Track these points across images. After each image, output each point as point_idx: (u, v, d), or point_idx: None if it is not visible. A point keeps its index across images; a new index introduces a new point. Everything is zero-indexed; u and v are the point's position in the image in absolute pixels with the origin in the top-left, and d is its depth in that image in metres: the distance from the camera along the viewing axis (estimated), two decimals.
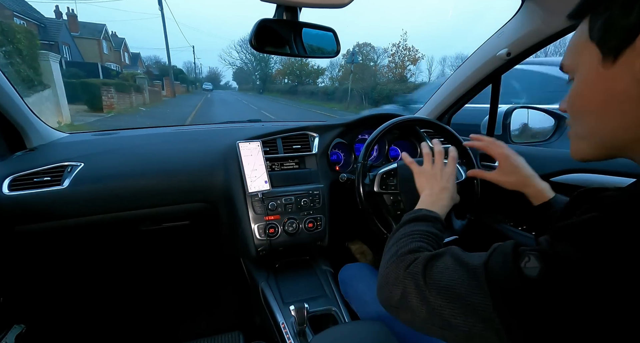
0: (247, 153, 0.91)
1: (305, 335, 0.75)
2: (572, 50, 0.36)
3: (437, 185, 0.59)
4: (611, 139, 0.34)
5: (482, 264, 0.31)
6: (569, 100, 0.37)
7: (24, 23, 14.20)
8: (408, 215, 0.52)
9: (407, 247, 0.43)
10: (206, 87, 42.51)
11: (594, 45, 0.32)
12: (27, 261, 1.07)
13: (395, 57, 25.51)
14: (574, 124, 0.38)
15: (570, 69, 0.37)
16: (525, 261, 0.27)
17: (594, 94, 0.33)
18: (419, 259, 0.38)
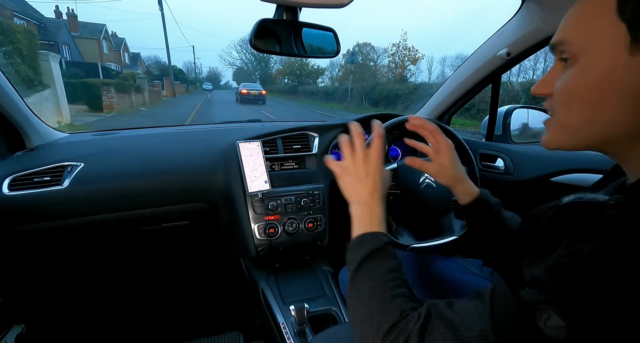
0: (247, 153, 0.91)
1: (305, 335, 0.75)
2: (583, 25, 0.30)
3: (364, 189, 0.47)
4: (605, 135, 0.30)
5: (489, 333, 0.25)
6: (566, 85, 0.31)
7: (24, 23, 14.19)
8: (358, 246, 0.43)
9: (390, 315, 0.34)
10: (206, 87, 42.47)
11: (622, 25, 0.26)
12: (28, 261, 1.07)
13: (395, 57, 25.54)
14: (562, 112, 0.33)
15: (575, 50, 0.30)
16: (544, 318, 0.22)
17: (607, 84, 0.28)
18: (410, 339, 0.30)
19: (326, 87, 26.16)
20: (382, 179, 0.48)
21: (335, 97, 20.28)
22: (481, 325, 0.26)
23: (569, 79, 0.31)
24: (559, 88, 0.32)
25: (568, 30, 0.31)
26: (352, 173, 0.48)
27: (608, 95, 0.28)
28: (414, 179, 0.92)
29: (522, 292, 0.26)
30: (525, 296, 0.25)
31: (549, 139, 0.35)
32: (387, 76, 26.15)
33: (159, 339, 1.20)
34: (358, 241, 0.44)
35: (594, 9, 0.29)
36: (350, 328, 0.39)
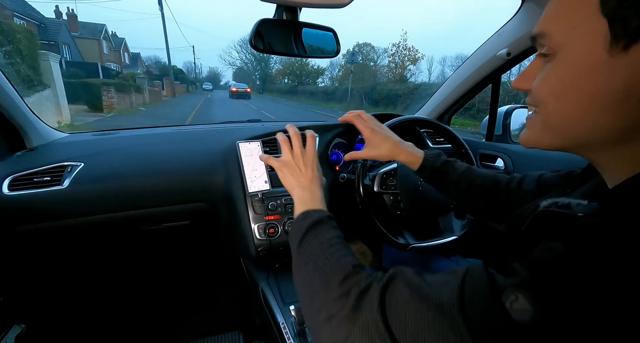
0: (247, 153, 0.90)
1: (305, 335, 0.75)
2: (565, 18, 0.27)
3: (304, 177, 0.51)
4: (584, 136, 0.29)
5: (456, 302, 0.25)
6: (544, 81, 0.30)
7: (24, 23, 14.19)
8: (302, 221, 0.44)
9: (340, 270, 0.34)
10: (206, 87, 42.49)
11: (603, 20, 0.24)
12: (28, 261, 1.07)
13: (395, 57, 25.55)
14: (542, 110, 0.30)
15: (553, 45, 0.28)
16: (511, 300, 0.23)
17: (584, 84, 0.26)
18: (371, 294, 0.30)
19: (326, 87, 26.17)
20: (318, 172, 0.53)
21: (335, 97, 20.29)
22: (448, 293, 0.26)
23: (548, 75, 0.29)
24: (537, 84, 0.30)
25: (548, 22, 0.29)
26: (292, 165, 0.53)
27: (586, 96, 0.27)
28: (414, 180, 0.92)
29: (496, 275, 0.26)
30: (498, 279, 0.25)
31: (526, 137, 0.33)
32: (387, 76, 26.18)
33: (159, 339, 1.20)
34: (302, 216, 0.46)
35: (576, 0, 0.27)
36: (298, 294, 0.39)
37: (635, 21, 0.23)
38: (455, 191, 0.61)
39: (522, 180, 0.55)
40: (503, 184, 0.58)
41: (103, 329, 1.21)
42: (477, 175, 0.61)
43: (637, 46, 0.23)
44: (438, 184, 0.63)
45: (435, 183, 0.63)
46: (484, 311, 0.24)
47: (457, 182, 0.60)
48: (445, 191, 0.63)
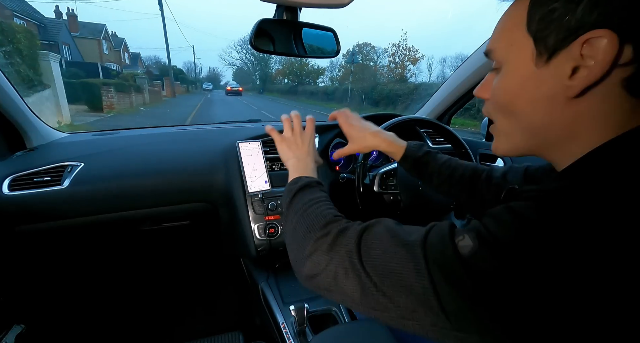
0: (247, 153, 0.91)
1: (305, 335, 0.75)
2: (504, 37, 0.33)
3: (300, 151, 0.57)
4: (535, 139, 0.33)
5: (420, 241, 0.29)
6: (494, 93, 0.35)
7: (24, 23, 14.18)
8: (294, 184, 0.49)
9: (323, 218, 0.39)
10: (206, 87, 42.49)
11: (530, 39, 0.30)
12: (28, 261, 1.07)
13: (395, 57, 25.54)
14: (496, 118, 0.36)
15: (499, 58, 0.34)
16: (459, 239, 0.27)
17: (522, 92, 0.31)
18: (349, 233, 0.35)
19: (326, 87, 26.16)
20: (314, 151, 0.59)
21: (335, 97, 20.28)
22: (416, 235, 0.31)
23: (496, 88, 0.34)
24: (492, 94, 0.35)
25: (494, 40, 0.34)
26: (291, 140, 0.58)
27: (526, 103, 0.31)
28: (414, 180, 0.92)
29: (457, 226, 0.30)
30: (457, 228, 0.30)
31: (494, 147, 0.38)
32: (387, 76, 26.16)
33: (159, 339, 1.20)
34: (294, 181, 0.50)
35: (511, 21, 0.32)
36: (286, 245, 0.43)
37: (552, 39, 0.28)
38: (437, 180, 0.63)
39: (507, 173, 0.56)
40: (483, 175, 0.59)
41: (103, 329, 1.21)
42: (458, 165, 0.63)
43: (555, 59, 0.28)
44: (420, 173, 0.64)
45: (417, 172, 0.65)
46: (439, 247, 0.28)
47: (438, 172, 0.63)
48: (428, 180, 0.64)
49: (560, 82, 0.28)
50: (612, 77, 0.26)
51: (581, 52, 0.26)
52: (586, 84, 0.27)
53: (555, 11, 0.27)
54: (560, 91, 0.28)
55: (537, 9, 0.29)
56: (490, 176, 0.58)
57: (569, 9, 0.26)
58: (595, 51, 0.26)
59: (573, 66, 0.27)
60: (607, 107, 0.28)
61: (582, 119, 0.29)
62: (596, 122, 0.28)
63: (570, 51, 0.27)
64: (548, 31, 0.28)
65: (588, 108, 0.28)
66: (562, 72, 0.28)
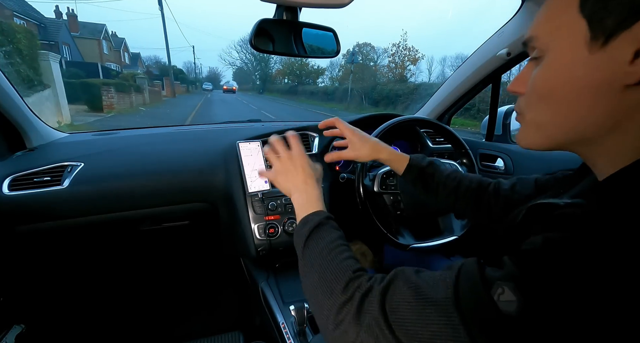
0: (247, 153, 0.90)
1: (305, 335, 0.75)
2: (550, 22, 0.30)
3: (297, 179, 0.52)
4: (573, 132, 0.30)
5: (452, 298, 0.26)
6: (533, 83, 0.32)
7: (24, 23, 14.19)
8: (302, 227, 0.45)
9: (343, 275, 0.36)
10: (206, 87, 42.48)
11: (583, 21, 0.27)
12: (28, 261, 1.07)
13: (395, 57, 25.52)
14: (533, 110, 0.33)
15: (542, 46, 0.30)
16: (498, 293, 0.24)
17: (569, 81, 0.28)
18: (372, 296, 0.31)
19: (326, 87, 26.18)
20: (310, 168, 0.53)
21: (335, 97, 20.29)
22: (444, 290, 0.27)
23: (536, 77, 0.31)
24: (529, 85, 0.32)
25: (536, 27, 0.31)
26: (283, 170, 0.54)
27: (573, 92, 0.28)
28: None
29: (487, 268, 0.27)
30: (488, 272, 0.26)
31: (521, 138, 0.35)
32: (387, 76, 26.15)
33: (159, 339, 1.20)
34: (303, 222, 0.47)
35: (559, 4, 0.29)
36: (306, 297, 0.40)
37: (611, 21, 0.25)
38: (444, 192, 0.60)
39: (516, 184, 0.55)
40: (490, 187, 0.57)
41: (103, 329, 1.20)
42: (463, 177, 0.61)
43: (613, 43, 0.25)
44: (425, 184, 0.62)
45: (423, 183, 0.62)
46: (475, 305, 0.25)
47: (444, 183, 0.60)
48: (433, 191, 0.62)
49: (618, 68, 0.25)
50: None
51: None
52: None
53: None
54: (618, 78, 0.25)
55: None
56: (497, 188, 0.56)
57: None
58: None
59: (635, 50, 0.24)
60: None
61: (634, 110, 0.26)
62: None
63: (632, 32, 0.24)
64: (607, 11, 0.25)
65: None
66: (622, 57, 0.25)
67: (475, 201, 0.58)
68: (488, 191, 0.57)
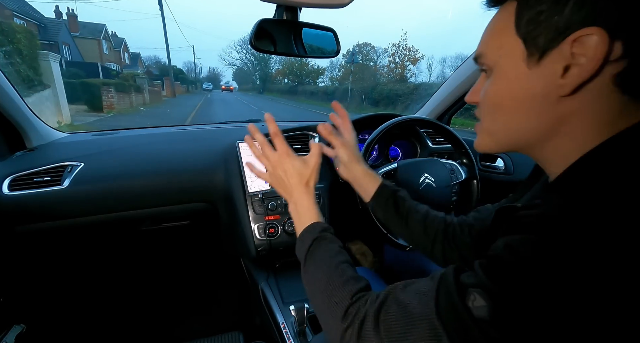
0: (247, 153, 0.91)
1: (305, 335, 0.75)
2: (493, 41, 0.33)
3: (289, 187, 0.53)
4: (519, 138, 0.34)
5: (433, 310, 0.28)
6: (484, 95, 0.35)
7: (24, 23, 14.18)
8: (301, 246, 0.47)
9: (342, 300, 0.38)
10: (206, 87, 42.51)
11: (519, 40, 0.30)
12: (28, 261, 1.07)
13: (395, 57, 25.52)
14: (486, 119, 0.37)
15: (489, 63, 0.34)
16: (472, 299, 0.26)
17: (513, 93, 0.32)
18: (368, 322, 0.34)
19: (326, 87, 26.17)
20: (300, 169, 0.52)
21: (335, 97, 20.27)
22: (427, 305, 0.29)
23: (487, 90, 0.35)
24: (481, 97, 0.36)
25: (483, 44, 0.35)
26: (275, 176, 0.54)
27: (517, 103, 0.32)
28: (414, 180, 0.92)
29: (462, 275, 0.29)
30: (463, 279, 0.28)
31: (476, 143, 0.39)
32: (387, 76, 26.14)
33: (159, 339, 1.20)
34: (300, 240, 0.48)
35: (500, 24, 0.32)
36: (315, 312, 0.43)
37: (541, 40, 0.28)
38: (414, 216, 0.60)
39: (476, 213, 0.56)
40: (455, 221, 0.58)
41: (103, 329, 1.21)
42: (429, 207, 0.62)
43: (546, 59, 0.29)
44: (397, 207, 0.61)
45: (395, 207, 0.61)
46: (454, 314, 0.27)
47: (415, 209, 0.60)
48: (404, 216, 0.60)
49: (552, 81, 0.28)
50: (604, 73, 0.26)
51: (572, 51, 0.27)
52: (578, 82, 0.27)
53: (543, 13, 0.27)
54: (553, 90, 0.29)
55: (525, 11, 0.29)
56: (462, 220, 0.57)
57: (556, 9, 0.27)
58: (585, 48, 0.26)
59: (565, 65, 0.27)
60: (598, 105, 0.28)
61: (572, 117, 0.29)
62: (587, 121, 0.29)
63: (560, 50, 0.27)
64: (537, 32, 0.28)
65: (579, 106, 0.28)
66: (554, 71, 0.28)
67: (444, 230, 0.57)
68: (453, 224, 0.57)
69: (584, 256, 0.22)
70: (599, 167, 0.27)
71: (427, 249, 0.58)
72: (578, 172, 0.29)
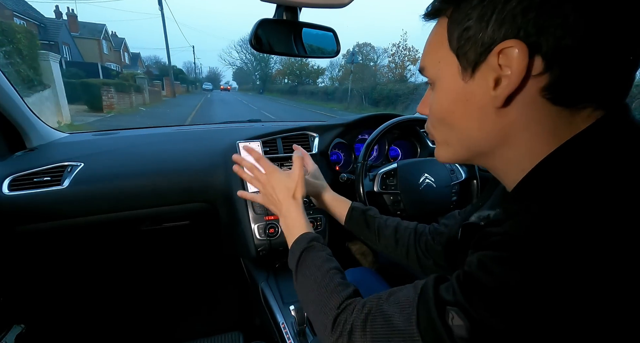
0: (247, 153, 0.90)
1: (305, 335, 0.75)
2: (432, 55, 0.34)
3: (277, 202, 0.56)
4: (471, 148, 0.34)
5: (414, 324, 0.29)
6: (431, 108, 0.36)
7: (24, 23, 14.18)
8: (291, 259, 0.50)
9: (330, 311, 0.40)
10: (206, 87, 42.58)
11: (453, 55, 0.31)
12: (28, 261, 1.07)
13: (395, 57, 25.51)
14: (437, 131, 0.37)
15: (430, 76, 0.35)
16: (450, 318, 0.26)
17: (455, 106, 0.32)
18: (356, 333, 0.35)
19: (326, 87, 26.15)
20: (286, 182, 0.56)
21: (335, 97, 20.27)
22: (408, 318, 0.30)
23: (432, 102, 0.35)
24: (429, 110, 0.37)
25: (424, 58, 0.35)
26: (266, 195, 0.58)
27: (460, 116, 0.33)
28: (414, 180, 0.92)
29: (441, 288, 0.29)
30: (442, 293, 0.29)
31: (436, 154, 0.39)
32: (387, 76, 26.13)
33: (159, 339, 1.20)
34: (290, 252, 0.51)
35: (436, 40, 0.33)
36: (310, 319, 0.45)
37: (472, 54, 0.29)
38: (385, 231, 0.62)
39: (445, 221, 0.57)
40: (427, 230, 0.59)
41: (103, 329, 1.21)
42: (402, 221, 0.64)
43: (478, 73, 0.29)
44: (368, 225, 0.64)
45: (366, 224, 0.64)
46: (434, 332, 0.27)
47: (385, 224, 0.63)
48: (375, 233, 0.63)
49: (486, 93, 0.29)
50: (530, 87, 0.27)
51: (499, 63, 0.27)
52: (508, 93, 0.27)
53: (470, 29, 0.28)
54: (489, 102, 0.29)
55: (454, 27, 0.30)
56: (433, 228, 0.58)
57: (481, 26, 0.27)
58: (509, 60, 0.27)
59: (495, 77, 0.28)
60: (534, 116, 0.28)
61: (514, 128, 0.30)
62: (529, 131, 0.29)
63: (489, 63, 0.28)
64: (467, 47, 0.29)
65: (517, 117, 0.29)
66: (486, 83, 0.29)
67: (415, 241, 0.59)
68: (425, 233, 0.59)
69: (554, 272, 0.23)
70: (549, 180, 0.28)
71: (404, 260, 0.61)
72: (532, 184, 0.29)
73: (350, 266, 0.88)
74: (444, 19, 0.31)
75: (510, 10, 0.26)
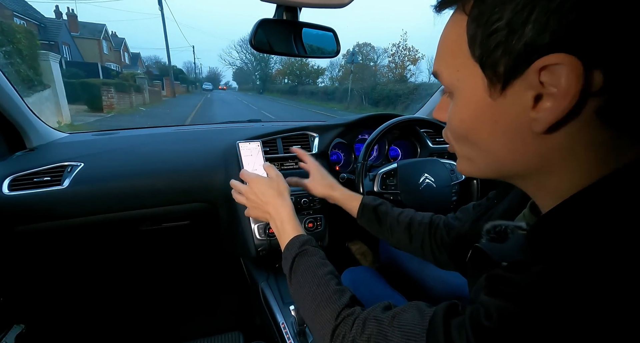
0: (247, 153, 0.90)
1: (305, 335, 0.75)
2: (448, 61, 0.27)
3: (267, 207, 0.56)
4: (497, 170, 0.29)
5: None
6: (449, 121, 0.30)
7: (24, 23, 14.19)
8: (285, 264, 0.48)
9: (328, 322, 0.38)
10: (206, 87, 42.64)
11: (476, 64, 0.24)
12: (28, 261, 1.07)
13: (395, 57, 25.52)
14: (458, 145, 0.31)
15: (447, 84, 0.28)
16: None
17: (481, 125, 0.26)
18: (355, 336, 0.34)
19: (326, 87, 26.15)
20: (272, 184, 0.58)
21: (335, 97, 20.27)
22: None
23: (450, 116, 0.29)
24: (447, 121, 0.30)
25: (438, 61, 0.29)
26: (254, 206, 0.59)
27: (486, 136, 0.27)
28: (414, 180, 0.92)
29: (452, 326, 0.26)
30: (454, 336, 0.26)
31: (459, 168, 0.33)
32: (387, 76, 26.14)
33: (159, 339, 1.20)
34: (283, 257, 0.50)
35: (452, 40, 0.26)
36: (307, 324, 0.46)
37: (502, 67, 0.22)
38: (398, 228, 0.61)
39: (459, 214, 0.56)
40: (441, 223, 0.58)
41: (103, 329, 1.20)
42: (416, 214, 0.62)
43: (511, 89, 0.23)
44: (380, 222, 0.63)
45: (378, 222, 0.63)
46: None
47: (398, 220, 0.62)
48: (388, 229, 0.62)
49: (523, 114, 0.23)
50: (586, 107, 0.21)
51: (540, 80, 0.21)
52: (554, 119, 0.22)
53: (499, 32, 0.21)
54: (524, 124, 0.23)
55: (477, 29, 0.23)
56: (447, 222, 0.57)
57: (515, 29, 0.21)
58: (556, 78, 0.20)
59: (534, 95, 0.22)
60: (583, 140, 0.23)
61: (556, 153, 0.24)
62: (575, 158, 0.23)
63: (526, 78, 0.22)
64: (495, 57, 0.22)
65: (561, 142, 0.23)
66: (522, 102, 0.23)
67: (430, 236, 0.58)
68: (440, 227, 0.57)
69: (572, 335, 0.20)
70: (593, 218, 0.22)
71: (419, 254, 0.60)
72: (570, 218, 0.24)
73: (350, 266, 0.88)
74: (461, 14, 0.25)
75: (558, 5, 0.19)
